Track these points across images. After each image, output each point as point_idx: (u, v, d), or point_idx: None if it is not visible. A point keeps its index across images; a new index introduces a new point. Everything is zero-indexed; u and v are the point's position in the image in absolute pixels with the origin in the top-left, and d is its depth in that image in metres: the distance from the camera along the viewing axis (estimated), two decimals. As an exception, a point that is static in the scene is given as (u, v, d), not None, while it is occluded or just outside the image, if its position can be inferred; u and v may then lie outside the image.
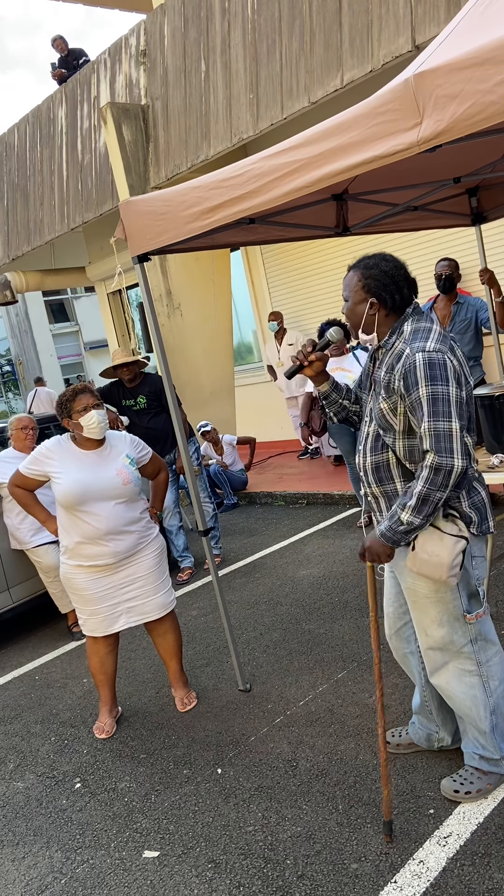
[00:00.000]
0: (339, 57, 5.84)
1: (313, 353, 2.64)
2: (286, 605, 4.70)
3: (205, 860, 2.54)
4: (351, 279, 2.44)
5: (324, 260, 9.32)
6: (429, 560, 2.28)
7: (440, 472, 2.19)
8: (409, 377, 2.24)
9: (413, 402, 2.24)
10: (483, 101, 1.89)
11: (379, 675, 2.43)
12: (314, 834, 2.54)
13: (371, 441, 2.44)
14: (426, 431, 2.21)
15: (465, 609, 2.41)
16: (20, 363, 30.44)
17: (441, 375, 2.20)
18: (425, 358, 2.22)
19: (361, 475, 2.51)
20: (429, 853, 2.34)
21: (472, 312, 5.61)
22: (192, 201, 2.78)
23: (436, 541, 2.29)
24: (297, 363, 2.66)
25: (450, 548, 2.28)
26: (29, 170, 9.62)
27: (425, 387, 2.20)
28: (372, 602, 2.46)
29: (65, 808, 3.05)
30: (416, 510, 2.23)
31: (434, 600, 2.41)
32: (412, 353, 2.24)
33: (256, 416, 10.70)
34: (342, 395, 2.72)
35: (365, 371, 2.61)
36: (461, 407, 2.24)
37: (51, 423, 6.15)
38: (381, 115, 2.08)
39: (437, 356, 2.22)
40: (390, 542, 2.31)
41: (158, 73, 7.66)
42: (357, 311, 2.42)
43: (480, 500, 2.40)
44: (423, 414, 2.21)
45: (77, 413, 3.32)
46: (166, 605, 3.54)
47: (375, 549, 2.34)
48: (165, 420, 5.50)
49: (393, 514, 2.29)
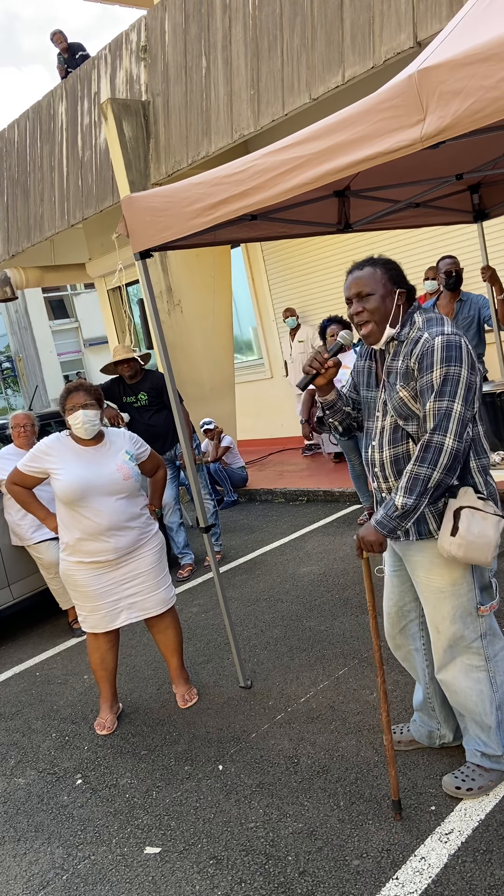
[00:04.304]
0: (341, 53, 5.83)
1: (329, 359, 2.59)
2: (287, 602, 4.70)
3: (206, 856, 2.54)
4: (373, 274, 2.38)
5: (325, 257, 9.32)
6: (476, 542, 2.26)
7: (430, 450, 2.20)
8: (425, 359, 2.24)
9: (424, 383, 2.24)
10: (487, 97, 1.88)
11: (380, 662, 2.44)
12: (315, 830, 2.54)
13: (389, 434, 2.42)
14: (430, 411, 2.22)
15: (479, 601, 2.42)
16: (20, 360, 30.40)
17: (456, 357, 2.21)
18: (444, 341, 2.22)
19: (377, 471, 2.48)
20: (430, 850, 2.34)
21: (476, 310, 5.60)
22: (194, 197, 2.78)
23: (480, 521, 2.27)
24: (312, 372, 2.61)
25: (494, 526, 2.28)
26: (29, 166, 9.60)
27: (440, 368, 2.21)
28: (369, 594, 2.45)
29: (66, 805, 3.06)
30: (408, 490, 2.23)
31: (449, 594, 2.41)
32: (431, 338, 2.25)
33: (256, 413, 10.70)
34: (344, 403, 2.71)
35: (363, 370, 2.60)
36: (471, 391, 2.24)
37: (52, 419, 6.15)
38: (385, 112, 2.08)
39: (455, 339, 2.23)
40: (385, 531, 2.29)
41: (159, 68, 7.64)
42: (387, 304, 2.37)
43: (494, 491, 2.42)
44: (432, 394, 2.21)
45: (67, 411, 3.34)
46: (167, 601, 3.55)
47: (369, 538, 2.32)
48: (166, 417, 5.50)
49: (388, 502, 2.29)
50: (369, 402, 2.55)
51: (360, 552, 2.38)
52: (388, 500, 2.29)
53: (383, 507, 2.30)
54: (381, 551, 2.34)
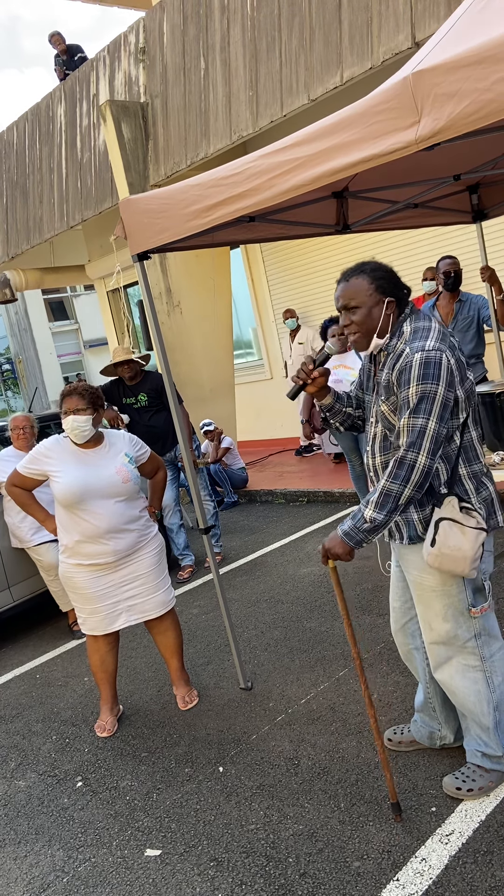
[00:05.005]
0: (339, 54, 5.83)
1: (315, 369, 2.60)
2: (287, 604, 4.70)
3: (207, 858, 2.54)
4: (359, 285, 2.37)
5: (324, 258, 9.32)
6: (451, 554, 2.27)
7: (403, 467, 2.21)
8: (403, 375, 2.25)
9: (402, 399, 2.25)
10: (481, 99, 1.89)
11: (361, 669, 2.44)
12: (316, 832, 2.54)
13: (380, 441, 2.43)
14: (403, 427, 2.23)
15: (470, 603, 2.42)
16: (20, 361, 30.42)
17: (433, 374, 2.21)
18: (422, 357, 2.22)
19: (371, 475, 2.51)
20: (431, 851, 2.34)
21: (475, 310, 5.60)
22: (191, 199, 2.78)
23: (457, 535, 2.28)
24: (298, 383, 2.62)
25: (472, 540, 2.28)
26: (28, 168, 9.61)
27: (416, 385, 2.21)
28: (341, 603, 2.44)
29: (66, 807, 3.06)
30: (379, 506, 2.23)
31: (440, 593, 2.41)
32: (411, 353, 2.25)
33: (256, 414, 10.70)
34: (345, 404, 2.71)
35: (365, 371, 2.61)
36: (447, 408, 2.24)
37: (51, 421, 6.16)
38: (380, 114, 2.08)
39: (434, 355, 2.22)
40: (353, 542, 2.27)
41: (158, 70, 7.65)
42: (374, 315, 2.37)
43: (489, 496, 2.41)
44: (408, 410, 2.22)
45: (63, 414, 3.35)
46: (166, 602, 3.55)
47: (335, 549, 2.31)
48: (166, 418, 5.50)
49: (357, 513, 2.28)
50: (367, 406, 2.56)
51: (326, 560, 2.37)
52: (356, 512, 2.28)
53: (352, 518, 2.29)
54: (348, 560, 2.34)
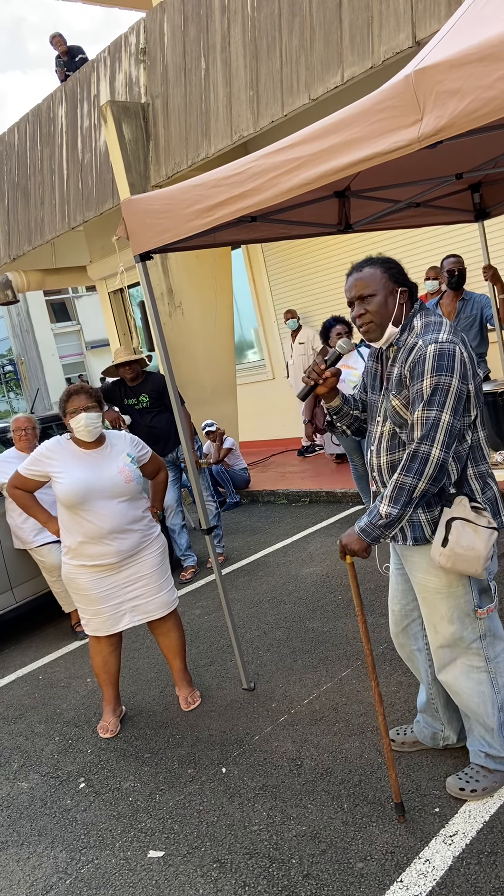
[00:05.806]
0: (340, 53, 5.82)
1: (326, 369, 2.58)
2: (289, 604, 4.69)
3: (210, 860, 2.54)
4: (373, 274, 2.37)
5: (326, 257, 9.31)
6: (465, 554, 2.26)
7: (417, 459, 2.19)
8: (416, 367, 2.23)
9: (415, 392, 2.24)
10: (484, 96, 1.88)
11: (372, 666, 2.43)
12: (319, 833, 2.53)
13: (387, 440, 2.42)
14: (418, 419, 2.22)
15: (476, 604, 2.41)
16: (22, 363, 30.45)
17: (448, 366, 2.20)
18: (436, 349, 2.21)
19: (375, 475, 2.49)
20: (435, 852, 2.33)
21: (478, 309, 5.59)
22: (193, 199, 2.78)
23: (470, 534, 2.27)
24: (310, 383, 2.60)
25: (485, 539, 2.27)
26: (29, 169, 9.61)
27: (430, 377, 2.20)
28: (357, 598, 2.45)
29: (69, 808, 3.05)
30: (393, 500, 2.22)
31: (446, 595, 2.40)
32: (424, 345, 2.23)
33: (258, 414, 10.69)
34: (352, 407, 2.69)
35: (370, 372, 2.59)
36: (461, 401, 2.23)
37: (53, 422, 6.15)
38: (382, 112, 2.07)
39: (448, 346, 2.21)
40: (369, 539, 2.27)
41: (158, 71, 7.65)
42: (389, 304, 2.36)
43: (493, 495, 2.40)
44: (421, 403, 2.21)
45: (69, 414, 3.33)
46: (169, 603, 3.54)
47: (352, 546, 2.31)
48: (168, 419, 5.50)
49: (373, 509, 2.28)
50: (373, 406, 2.55)
51: (343, 556, 2.37)
52: (372, 508, 2.28)
53: (368, 515, 2.29)
54: (365, 557, 2.34)
